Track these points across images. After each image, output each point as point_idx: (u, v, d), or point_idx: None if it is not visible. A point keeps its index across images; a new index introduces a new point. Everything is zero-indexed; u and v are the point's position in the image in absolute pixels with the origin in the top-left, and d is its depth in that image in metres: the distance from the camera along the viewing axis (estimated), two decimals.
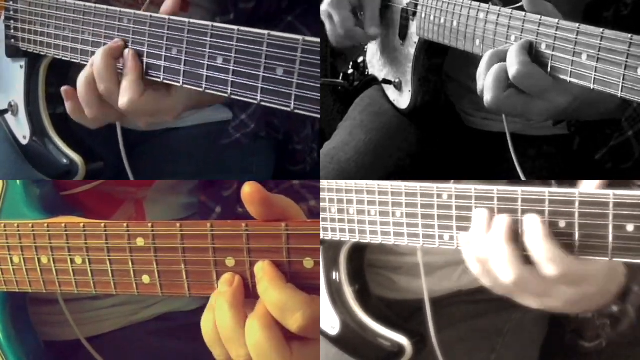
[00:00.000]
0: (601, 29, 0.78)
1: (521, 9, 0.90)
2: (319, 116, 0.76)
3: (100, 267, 0.80)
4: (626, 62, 0.75)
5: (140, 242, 0.76)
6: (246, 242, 0.71)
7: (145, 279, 0.77)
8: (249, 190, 0.70)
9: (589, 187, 0.74)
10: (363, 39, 1.21)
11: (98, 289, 0.81)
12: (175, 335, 1.10)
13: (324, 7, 1.19)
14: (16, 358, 0.94)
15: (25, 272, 0.86)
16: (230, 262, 0.73)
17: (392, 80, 1.26)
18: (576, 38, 0.81)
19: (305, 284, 0.71)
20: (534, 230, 0.74)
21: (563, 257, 0.73)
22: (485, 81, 0.88)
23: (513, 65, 0.86)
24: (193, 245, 0.74)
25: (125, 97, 0.89)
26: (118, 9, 0.93)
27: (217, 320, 0.71)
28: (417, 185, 0.84)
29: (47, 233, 0.83)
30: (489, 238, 0.77)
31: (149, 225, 0.76)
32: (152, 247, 0.76)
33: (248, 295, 0.73)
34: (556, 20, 0.84)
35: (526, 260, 0.75)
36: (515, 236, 0.76)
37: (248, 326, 0.70)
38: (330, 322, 0.97)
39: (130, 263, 0.78)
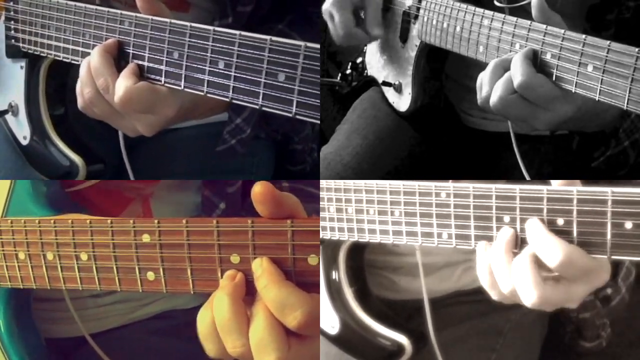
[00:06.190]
0: (608, 42, 0.78)
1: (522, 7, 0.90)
2: (319, 122, 0.76)
3: (105, 263, 0.80)
4: (633, 75, 0.76)
5: (146, 238, 0.77)
6: (251, 238, 0.72)
7: (150, 275, 0.78)
8: (260, 190, 0.70)
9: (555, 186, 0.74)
10: (364, 39, 1.20)
11: (102, 285, 0.81)
12: (175, 334, 1.11)
13: (325, 6, 1.18)
14: (18, 356, 0.94)
15: (30, 268, 0.86)
16: (235, 259, 0.73)
17: (392, 82, 1.26)
18: (582, 49, 0.81)
19: (307, 281, 0.71)
20: (535, 229, 0.74)
21: (564, 245, 0.72)
22: (495, 86, 0.89)
23: (517, 76, 0.86)
24: (198, 242, 0.74)
25: (120, 86, 0.89)
26: (119, 11, 0.93)
27: (215, 311, 0.71)
28: (416, 184, 0.84)
29: (53, 229, 0.83)
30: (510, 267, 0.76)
31: (155, 221, 0.76)
32: (157, 243, 0.76)
33: (252, 292, 0.73)
34: (562, 31, 0.84)
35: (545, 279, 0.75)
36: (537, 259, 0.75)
37: (253, 316, 0.70)
38: (330, 321, 0.97)
39: (135, 259, 0.78)
